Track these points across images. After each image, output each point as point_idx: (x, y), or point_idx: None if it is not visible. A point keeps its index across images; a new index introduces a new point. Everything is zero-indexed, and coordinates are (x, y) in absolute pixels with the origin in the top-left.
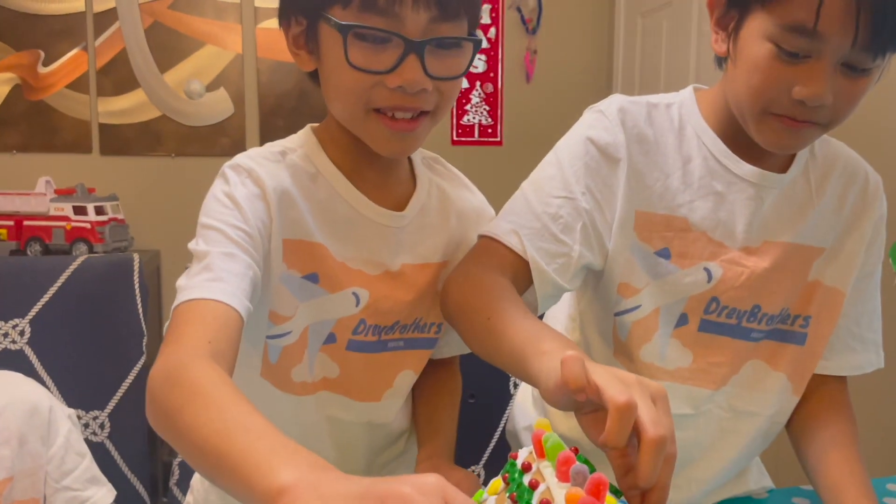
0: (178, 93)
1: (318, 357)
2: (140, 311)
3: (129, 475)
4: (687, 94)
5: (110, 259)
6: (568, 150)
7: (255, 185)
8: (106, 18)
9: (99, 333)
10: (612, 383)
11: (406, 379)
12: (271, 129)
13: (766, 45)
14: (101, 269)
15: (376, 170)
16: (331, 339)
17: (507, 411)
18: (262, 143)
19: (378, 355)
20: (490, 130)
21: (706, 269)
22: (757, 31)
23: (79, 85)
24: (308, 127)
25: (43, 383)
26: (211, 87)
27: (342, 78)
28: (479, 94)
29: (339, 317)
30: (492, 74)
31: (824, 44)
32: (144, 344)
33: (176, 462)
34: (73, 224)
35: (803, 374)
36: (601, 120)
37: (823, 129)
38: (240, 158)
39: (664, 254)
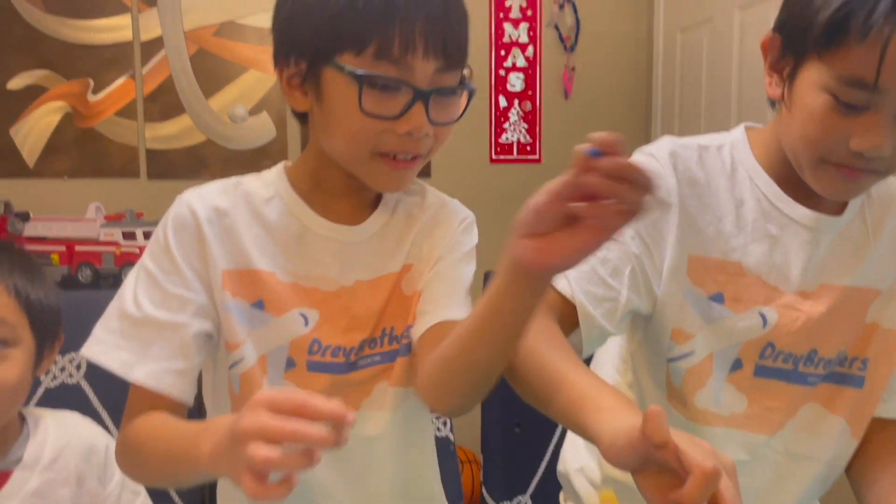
0: (223, 117)
1: (284, 386)
2: None
3: (179, 499)
4: (738, 134)
5: None
6: None
7: (192, 223)
8: (153, 47)
9: None
10: (695, 448)
11: (386, 391)
12: None
13: (822, 95)
14: None
15: (344, 202)
16: (290, 364)
17: (552, 440)
18: None
19: (347, 376)
20: (529, 148)
21: (761, 314)
22: (813, 81)
23: (127, 112)
24: (281, 163)
25: (99, 417)
26: (254, 112)
27: (350, 122)
28: (518, 112)
29: (291, 339)
30: (530, 92)
31: (884, 96)
32: None
33: None
34: (123, 249)
35: (862, 418)
36: (652, 164)
37: (881, 177)
38: (187, 192)
39: (718, 298)
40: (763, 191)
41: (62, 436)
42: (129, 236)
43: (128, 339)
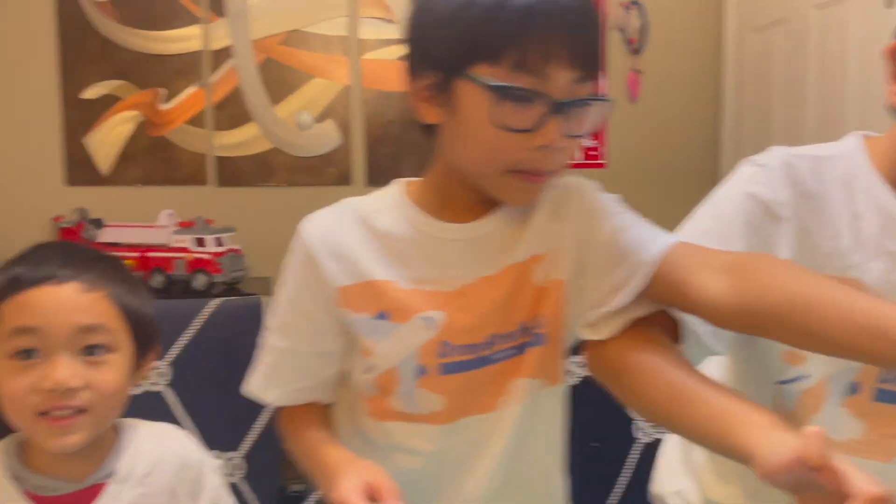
0: (289, 125)
1: (418, 394)
2: None
3: None
4: (854, 142)
5: (241, 302)
6: (727, 205)
7: (302, 249)
8: (221, 56)
9: (232, 375)
10: (859, 471)
11: (520, 384)
12: (377, 157)
13: None
14: (234, 313)
15: (462, 206)
16: (421, 371)
17: (628, 455)
18: (368, 172)
19: (481, 371)
20: (593, 153)
21: None
22: None
23: (197, 120)
24: (396, 181)
25: (183, 425)
26: (319, 119)
27: (484, 135)
28: None
29: (419, 345)
30: None
31: None
32: None
33: (314, 500)
34: (194, 255)
35: None
36: (763, 175)
37: None
38: (302, 223)
39: None
40: (883, 205)
41: (156, 449)
42: (200, 243)
43: (261, 364)
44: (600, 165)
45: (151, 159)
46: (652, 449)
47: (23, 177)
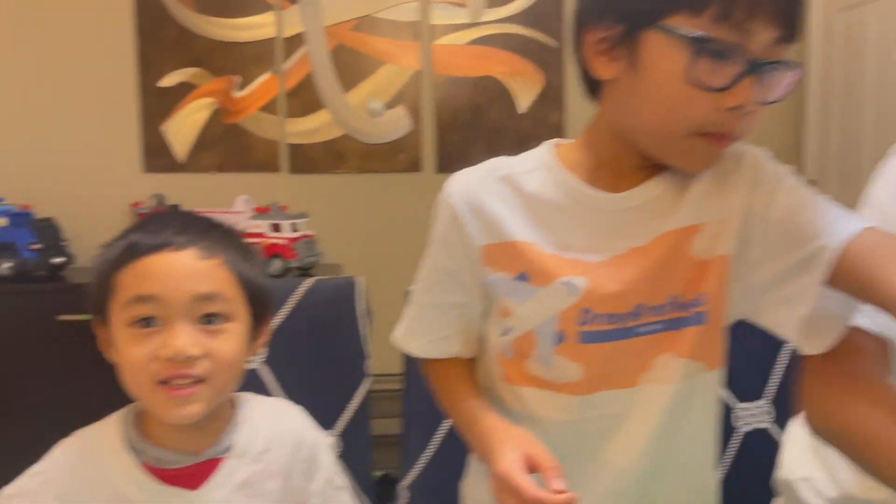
0: (360, 112)
1: (555, 361)
2: (363, 333)
3: (359, 492)
4: None
5: (336, 282)
6: (887, 194)
7: (447, 208)
8: (294, 43)
9: (327, 354)
10: None
11: (669, 363)
12: (447, 143)
13: None
14: (328, 292)
15: (622, 169)
16: (559, 338)
17: (728, 445)
18: (438, 159)
19: (624, 342)
20: None
21: None
22: None
23: (270, 107)
24: (550, 140)
25: None
26: (390, 105)
27: (671, 91)
28: None
29: (558, 310)
30: None
31: None
32: (367, 366)
33: (404, 486)
34: (270, 240)
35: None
36: None
37: None
38: (448, 181)
39: None
40: None
41: (272, 425)
42: (276, 228)
43: (406, 316)
44: None
45: (226, 146)
46: (753, 437)
47: (102, 164)
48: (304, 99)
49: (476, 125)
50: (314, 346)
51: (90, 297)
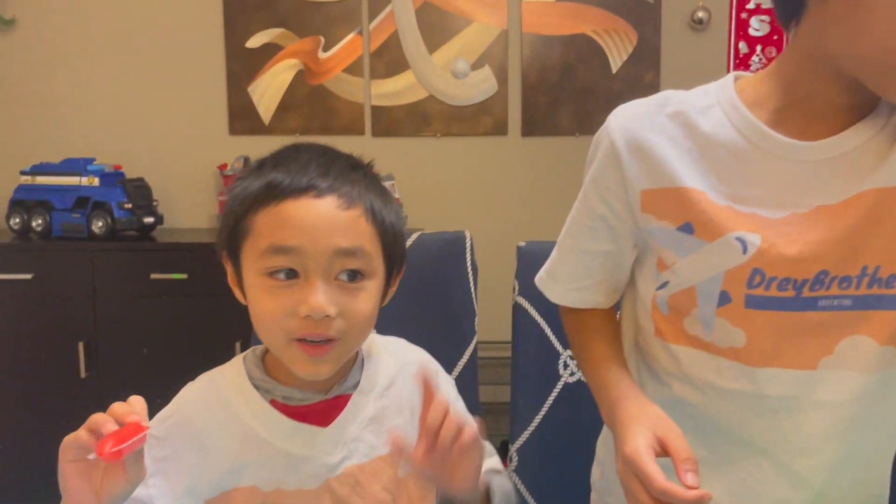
0: (444, 73)
1: (717, 323)
2: (472, 288)
3: None
4: None
5: (443, 237)
6: None
7: (606, 144)
8: (379, 2)
9: (435, 311)
10: None
11: (860, 347)
12: (533, 105)
13: None
14: (435, 247)
15: (815, 112)
16: (724, 298)
17: None
18: (524, 123)
19: (799, 314)
20: None
21: None
22: None
23: (354, 69)
24: (731, 74)
25: None
26: (475, 66)
27: None
28: (761, 59)
29: (725, 269)
30: (775, 37)
31: None
32: (476, 323)
33: (514, 448)
34: None
35: None
36: None
37: None
38: (611, 114)
39: None
40: None
41: (395, 362)
42: None
43: (549, 259)
44: None
45: (310, 108)
46: None
47: (190, 126)
48: (388, 60)
49: (565, 86)
50: (421, 302)
51: (222, 231)
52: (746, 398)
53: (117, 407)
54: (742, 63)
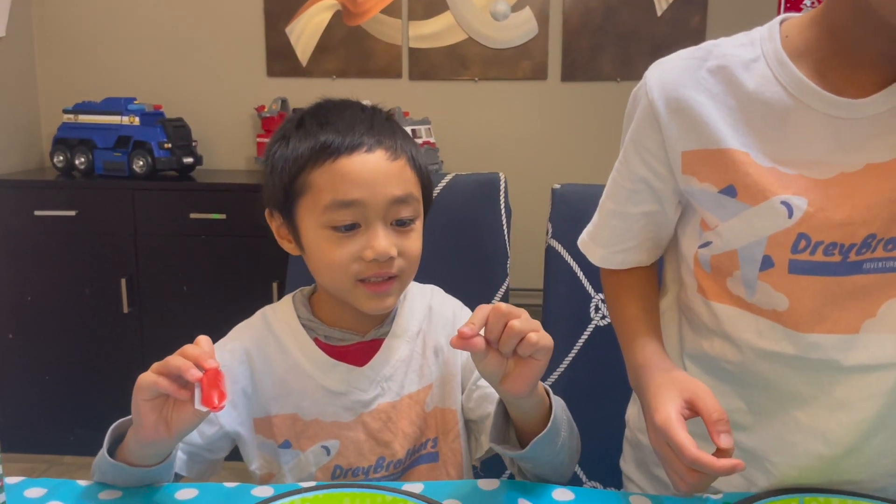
0: (484, 14)
1: (759, 287)
2: (505, 231)
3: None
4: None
5: (477, 178)
6: None
7: (645, 104)
8: None
9: (468, 252)
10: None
11: None
12: (574, 49)
13: None
14: (470, 188)
15: (863, 60)
16: (767, 262)
17: None
18: (564, 67)
19: (843, 279)
20: None
21: None
22: None
23: (391, 9)
24: (779, 17)
25: None
26: (516, 8)
27: None
28: (812, 1)
29: (769, 233)
30: None
31: None
32: (509, 266)
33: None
34: None
35: None
36: None
37: None
38: (649, 70)
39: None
40: None
41: (426, 308)
42: None
43: (592, 222)
44: None
45: (347, 50)
46: None
47: (228, 67)
48: (427, 0)
49: (607, 30)
50: (454, 243)
51: (272, 190)
52: (786, 359)
53: (191, 349)
54: (793, 6)
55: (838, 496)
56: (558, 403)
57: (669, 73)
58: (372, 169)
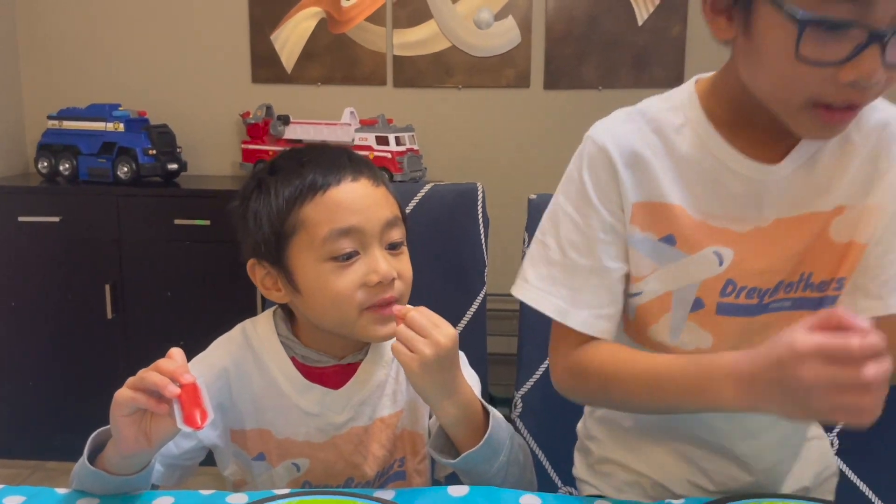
0: (467, 23)
1: (687, 326)
2: (483, 240)
3: None
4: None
5: (455, 188)
6: None
7: (604, 160)
8: None
9: (446, 261)
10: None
11: None
12: (557, 58)
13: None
14: (448, 198)
15: (760, 127)
16: (698, 304)
17: None
18: (546, 73)
19: (755, 318)
20: None
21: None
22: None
23: (376, 17)
24: (694, 78)
25: None
26: (499, 16)
27: (783, 67)
28: None
29: (703, 279)
30: None
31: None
32: (486, 274)
33: (519, 395)
34: (376, 153)
35: None
36: None
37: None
38: (594, 129)
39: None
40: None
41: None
42: (383, 141)
43: (559, 286)
44: None
45: (332, 57)
46: None
47: (213, 73)
48: (411, 9)
49: (590, 38)
50: (432, 253)
51: (253, 243)
52: None
53: (165, 364)
54: None
55: (795, 500)
56: (499, 425)
57: (619, 130)
58: (362, 195)
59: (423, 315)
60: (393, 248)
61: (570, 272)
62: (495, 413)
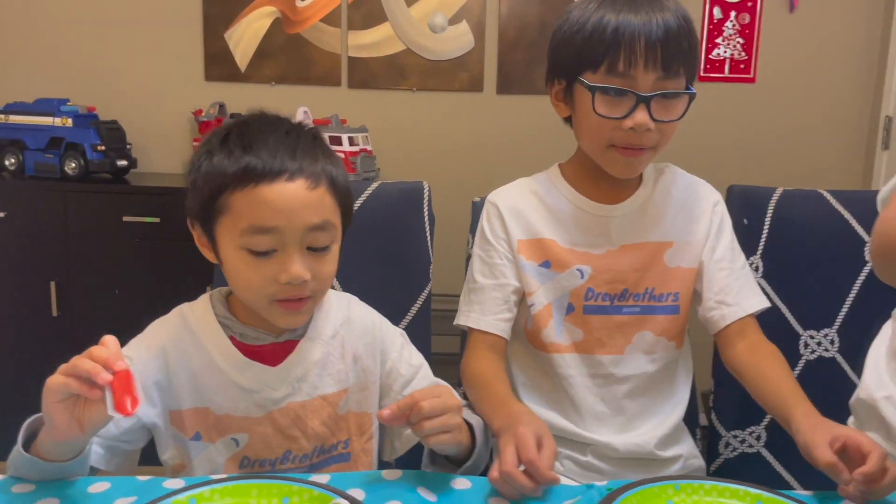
0: (422, 26)
1: (565, 326)
2: (428, 237)
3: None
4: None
5: (402, 186)
6: None
7: (496, 214)
8: None
9: (391, 257)
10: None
11: (645, 338)
12: (509, 63)
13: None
14: (394, 196)
15: (602, 178)
16: (570, 308)
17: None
18: (499, 78)
19: (614, 317)
20: (743, 66)
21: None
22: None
23: (331, 18)
24: (556, 164)
25: None
26: (453, 21)
27: (590, 122)
28: (734, 25)
29: (571, 288)
30: (749, 3)
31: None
32: (431, 271)
33: (461, 391)
34: None
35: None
36: None
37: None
38: (492, 195)
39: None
40: None
41: (342, 314)
42: (336, 141)
43: (473, 304)
44: (750, 80)
45: (286, 57)
46: (819, 364)
47: (165, 70)
48: (366, 11)
49: (542, 45)
50: (378, 249)
51: (193, 202)
52: (582, 377)
53: (98, 351)
54: (716, 28)
55: (711, 482)
56: (480, 436)
57: (506, 193)
58: (291, 198)
59: (427, 400)
60: (315, 249)
61: (480, 292)
62: (471, 415)
